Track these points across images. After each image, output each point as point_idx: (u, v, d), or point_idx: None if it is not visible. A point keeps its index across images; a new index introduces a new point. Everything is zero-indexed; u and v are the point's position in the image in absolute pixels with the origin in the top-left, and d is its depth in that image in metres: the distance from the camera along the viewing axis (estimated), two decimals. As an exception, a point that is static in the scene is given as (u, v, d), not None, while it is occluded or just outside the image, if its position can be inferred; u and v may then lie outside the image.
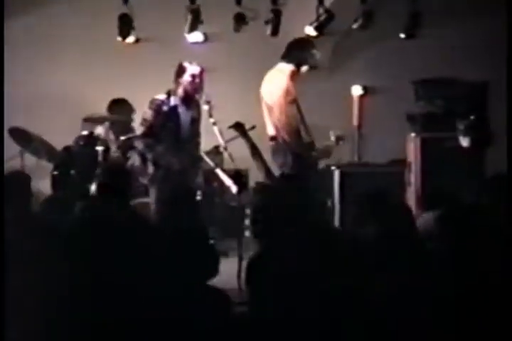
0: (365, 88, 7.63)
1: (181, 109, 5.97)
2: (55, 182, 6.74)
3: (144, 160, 5.97)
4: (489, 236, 3.39)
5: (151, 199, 5.96)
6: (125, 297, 2.97)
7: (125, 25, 6.42)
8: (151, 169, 5.94)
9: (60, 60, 7.47)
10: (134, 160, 6.09)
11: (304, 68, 6.08)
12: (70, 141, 6.93)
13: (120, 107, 7.08)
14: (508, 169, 4.35)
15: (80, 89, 7.40)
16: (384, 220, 3.63)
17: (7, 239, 3.25)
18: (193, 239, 3.12)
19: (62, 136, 6.97)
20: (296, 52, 6.02)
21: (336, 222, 6.51)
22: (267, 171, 5.48)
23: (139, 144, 6.01)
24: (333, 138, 6.17)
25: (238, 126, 5.70)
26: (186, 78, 5.92)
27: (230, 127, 5.80)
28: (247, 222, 6.64)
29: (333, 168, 6.72)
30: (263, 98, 6.04)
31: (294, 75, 6.02)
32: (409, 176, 6.61)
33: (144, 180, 6.03)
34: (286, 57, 6.04)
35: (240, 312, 3.04)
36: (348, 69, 7.55)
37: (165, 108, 5.90)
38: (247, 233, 6.68)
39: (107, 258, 3.17)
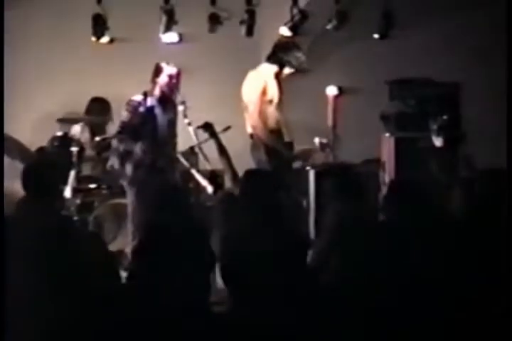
0: (340, 88, 7.66)
1: (158, 110, 5.97)
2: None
3: (122, 161, 5.96)
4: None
5: (128, 200, 5.95)
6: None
7: (99, 26, 6.40)
8: (129, 170, 5.93)
9: (32, 60, 7.42)
10: (113, 161, 6.07)
11: (287, 70, 6.14)
12: (44, 141, 6.90)
13: (99, 106, 7.07)
14: (508, 168, 4.41)
15: (54, 89, 7.37)
16: None
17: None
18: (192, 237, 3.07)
19: (36, 136, 6.93)
20: (281, 53, 6.10)
21: (311, 222, 6.54)
22: (233, 174, 5.50)
23: (116, 144, 6.00)
24: (317, 145, 6.22)
25: (207, 127, 5.73)
26: (163, 78, 5.93)
27: (199, 127, 5.82)
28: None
29: (308, 168, 6.75)
30: (243, 97, 6.11)
31: (277, 76, 6.08)
32: (383, 176, 6.65)
33: (124, 182, 6.01)
34: (271, 58, 6.10)
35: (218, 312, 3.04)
36: (323, 70, 7.58)
37: (141, 109, 5.89)
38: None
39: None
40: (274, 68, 6.09)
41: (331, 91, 7.66)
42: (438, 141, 6.29)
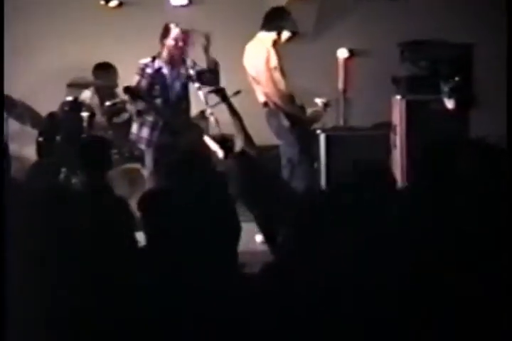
0: (350, 51, 7.60)
1: (166, 70, 5.98)
2: (41, 148, 6.72)
3: (141, 124, 5.99)
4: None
5: (146, 163, 6.01)
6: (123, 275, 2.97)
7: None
8: (145, 133, 5.97)
9: (42, 25, 7.38)
10: (134, 127, 6.10)
11: (285, 35, 6.16)
12: (54, 106, 6.89)
13: (105, 71, 7.04)
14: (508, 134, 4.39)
15: (63, 53, 7.34)
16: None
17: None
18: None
19: (46, 101, 6.92)
20: (275, 20, 6.11)
21: (323, 185, 6.55)
22: (247, 137, 5.50)
23: (130, 108, 6.03)
24: (320, 105, 6.22)
25: (218, 91, 5.72)
26: (170, 41, 5.94)
27: (211, 92, 5.81)
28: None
29: (318, 131, 6.74)
30: (247, 70, 6.11)
31: (276, 43, 6.11)
32: (394, 139, 6.62)
33: (142, 146, 6.06)
34: (266, 26, 6.13)
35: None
36: (333, 32, 7.51)
37: (149, 70, 5.92)
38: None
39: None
40: (273, 35, 6.12)
41: (342, 54, 7.60)
42: (450, 103, 6.24)
